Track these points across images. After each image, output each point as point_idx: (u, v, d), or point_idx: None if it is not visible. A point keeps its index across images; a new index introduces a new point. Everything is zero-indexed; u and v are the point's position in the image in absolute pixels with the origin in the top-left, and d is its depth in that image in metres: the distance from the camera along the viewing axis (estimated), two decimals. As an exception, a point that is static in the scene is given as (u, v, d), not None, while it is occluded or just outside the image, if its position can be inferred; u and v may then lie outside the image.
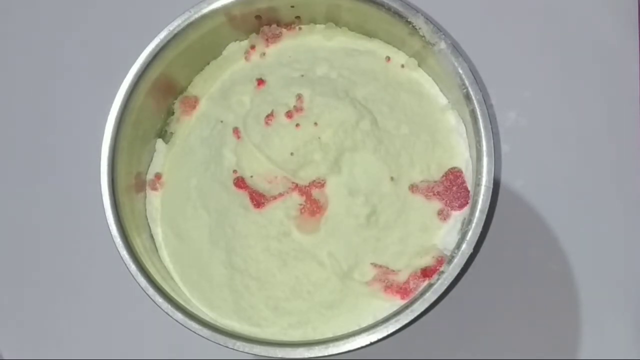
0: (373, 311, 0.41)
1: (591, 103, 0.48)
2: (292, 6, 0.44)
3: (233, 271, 0.42)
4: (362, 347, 0.38)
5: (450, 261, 0.39)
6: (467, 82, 0.41)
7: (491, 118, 0.43)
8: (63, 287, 0.49)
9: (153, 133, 0.46)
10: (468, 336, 0.46)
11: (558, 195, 0.47)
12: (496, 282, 0.47)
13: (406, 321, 0.38)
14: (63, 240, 0.50)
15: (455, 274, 0.38)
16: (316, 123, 0.42)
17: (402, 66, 0.45)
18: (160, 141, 0.46)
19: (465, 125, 0.43)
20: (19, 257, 0.50)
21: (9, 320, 0.49)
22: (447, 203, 0.42)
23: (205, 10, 0.43)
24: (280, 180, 0.43)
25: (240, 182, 0.43)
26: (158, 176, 0.46)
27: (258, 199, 0.42)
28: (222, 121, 0.45)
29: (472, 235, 0.39)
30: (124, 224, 0.41)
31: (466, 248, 0.39)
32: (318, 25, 0.46)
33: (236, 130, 0.44)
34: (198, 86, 0.47)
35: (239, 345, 0.39)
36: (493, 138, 0.40)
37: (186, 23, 0.43)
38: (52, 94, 0.52)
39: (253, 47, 0.46)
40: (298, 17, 0.45)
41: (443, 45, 0.41)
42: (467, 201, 0.42)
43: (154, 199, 0.46)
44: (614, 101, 0.48)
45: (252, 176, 0.43)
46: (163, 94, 0.45)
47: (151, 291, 0.40)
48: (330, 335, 0.40)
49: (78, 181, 0.49)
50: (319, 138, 0.42)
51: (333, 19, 0.45)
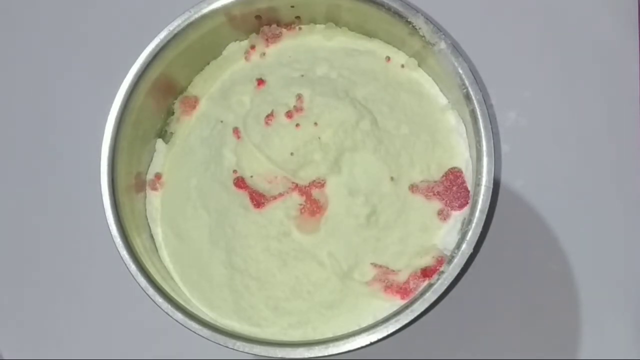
0: (373, 311, 0.41)
1: (591, 103, 0.48)
2: (292, 6, 0.44)
3: (233, 271, 0.42)
4: (362, 347, 0.38)
5: (450, 261, 0.39)
6: (467, 82, 0.41)
7: (491, 118, 0.43)
8: (63, 287, 0.49)
9: (153, 133, 0.46)
10: (468, 336, 0.46)
11: (558, 195, 0.47)
12: (496, 282, 0.47)
13: (406, 321, 0.38)
14: (63, 240, 0.50)
15: (455, 274, 0.38)
16: (316, 123, 0.42)
17: (402, 66, 0.45)
18: (160, 141, 0.46)
19: (465, 125, 0.43)
20: (19, 257, 0.50)
21: (9, 320, 0.49)
22: (447, 203, 0.42)
23: (205, 10, 0.43)
24: (280, 180, 0.43)
25: (240, 182, 0.43)
26: (158, 176, 0.46)
27: (258, 199, 0.42)
28: (222, 121, 0.45)
29: (472, 235, 0.39)
30: (124, 224, 0.41)
31: (466, 248, 0.39)
32: (318, 25, 0.46)
33: (236, 130, 0.44)
34: (198, 86, 0.47)
35: (239, 345, 0.39)
36: (493, 138, 0.40)
37: (186, 23, 0.43)
38: (52, 94, 0.52)
39: (253, 47, 0.46)
40: (298, 17, 0.45)
41: (443, 45, 0.41)
42: (467, 201, 0.42)
43: (154, 199, 0.46)
44: (614, 101, 0.48)
45: (252, 176, 0.43)
46: (163, 94, 0.45)
47: (151, 291, 0.40)
48: (330, 335, 0.40)
49: (78, 181, 0.49)
50: (319, 138, 0.42)
51: (333, 19, 0.45)
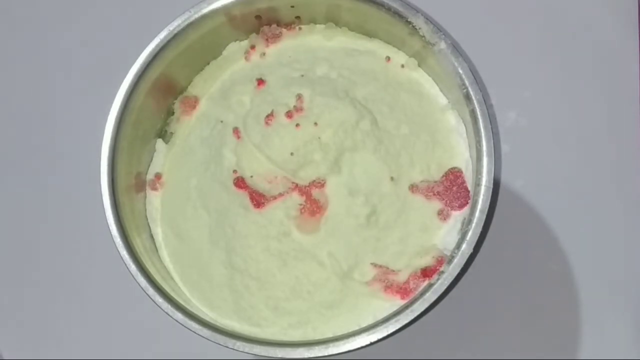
0: (373, 311, 0.41)
1: (591, 103, 0.48)
2: (292, 6, 0.44)
3: (233, 271, 0.42)
4: (362, 347, 0.38)
5: (450, 261, 0.39)
6: (467, 82, 0.41)
7: (491, 118, 0.43)
8: (63, 287, 0.49)
9: (153, 133, 0.46)
10: (468, 336, 0.46)
11: (558, 195, 0.47)
12: (496, 282, 0.47)
13: (406, 321, 0.38)
14: (63, 240, 0.50)
15: (455, 274, 0.38)
16: (316, 123, 0.42)
17: (402, 66, 0.45)
18: (160, 141, 0.46)
19: (465, 125, 0.43)
20: (19, 257, 0.50)
21: (9, 320, 0.49)
22: (447, 203, 0.42)
23: (205, 10, 0.43)
24: (280, 180, 0.43)
25: (240, 182, 0.43)
26: (158, 176, 0.46)
27: (258, 199, 0.42)
28: (222, 121, 0.45)
29: (472, 235, 0.39)
30: (124, 224, 0.41)
31: (466, 248, 0.39)
32: (318, 25, 0.46)
33: (236, 130, 0.44)
34: (198, 86, 0.47)
35: (239, 345, 0.39)
36: (493, 138, 0.40)
37: (186, 23, 0.43)
38: (52, 94, 0.52)
39: (253, 47, 0.46)
40: (298, 17, 0.45)
41: (443, 45, 0.41)
42: (467, 201, 0.42)
43: (154, 199, 0.46)
44: (614, 101, 0.48)
45: (252, 176, 0.43)
46: (163, 94, 0.45)
47: (151, 291, 0.40)
48: (330, 335, 0.40)
49: (78, 181, 0.49)
50: (319, 138, 0.42)
51: (333, 19, 0.45)
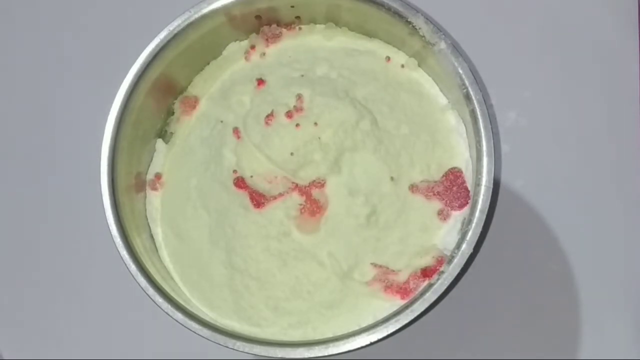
0: (373, 311, 0.41)
1: (591, 103, 0.48)
2: (292, 6, 0.44)
3: (233, 271, 0.42)
4: (362, 347, 0.38)
5: (450, 261, 0.39)
6: (467, 82, 0.41)
7: (491, 118, 0.43)
8: (63, 287, 0.49)
9: (153, 133, 0.46)
10: (468, 336, 0.46)
11: (558, 195, 0.47)
12: (496, 282, 0.47)
13: (406, 321, 0.38)
14: (63, 240, 0.50)
15: (455, 274, 0.38)
16: (316, 123, 0.42)
17: (402, 66, 0.45)
18: (160, 141, 0.46)
19: (465, 125, 0.43)
20: (19, 257, 0.50)
21: (9, 320, 0.49)
22: (447, 203, 0.42)
23: (205, 10, 0.43)
24: (280, 180, 0.43)
25: (240, 182, 0.43)
26: (158, 176, 0.46)
27: (258, 199, 0.42)
28: (222, 121, 0.45)
29: (472, 235, 0.39)
30: (124, 224, 0.41)
31: (466, 248, 0.39)
32: (318, 25, 0.46)
33: (236, 130, 0.44)
34: (198, 86, 0.47)
35: (239, 345, 0.39)
36: (493, 138, 0.40)
37: (186, 23, 0.43)
38: (52, 94, 0.52)
39: (253, 47, 0.46)
40: (298, 17, 0.45)
41: (443, 45, 0.41)
42: (467, 201, 0.42)
43: (154, 199, 0.46)
44: (614, 101, 0.48)
45: (252, 176, 0.43)
46: (163, 94, 0.45)
47: (151, 291, 0.40)
48: (330, 335, 0.40)
49: (78, 181, 0.49)
50: (319, 138, 0.42)
51: (333, 19, 0.45)
